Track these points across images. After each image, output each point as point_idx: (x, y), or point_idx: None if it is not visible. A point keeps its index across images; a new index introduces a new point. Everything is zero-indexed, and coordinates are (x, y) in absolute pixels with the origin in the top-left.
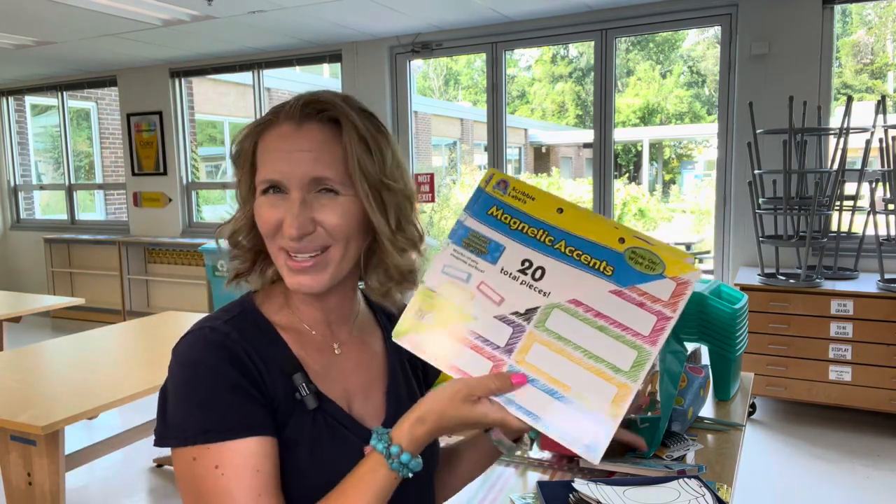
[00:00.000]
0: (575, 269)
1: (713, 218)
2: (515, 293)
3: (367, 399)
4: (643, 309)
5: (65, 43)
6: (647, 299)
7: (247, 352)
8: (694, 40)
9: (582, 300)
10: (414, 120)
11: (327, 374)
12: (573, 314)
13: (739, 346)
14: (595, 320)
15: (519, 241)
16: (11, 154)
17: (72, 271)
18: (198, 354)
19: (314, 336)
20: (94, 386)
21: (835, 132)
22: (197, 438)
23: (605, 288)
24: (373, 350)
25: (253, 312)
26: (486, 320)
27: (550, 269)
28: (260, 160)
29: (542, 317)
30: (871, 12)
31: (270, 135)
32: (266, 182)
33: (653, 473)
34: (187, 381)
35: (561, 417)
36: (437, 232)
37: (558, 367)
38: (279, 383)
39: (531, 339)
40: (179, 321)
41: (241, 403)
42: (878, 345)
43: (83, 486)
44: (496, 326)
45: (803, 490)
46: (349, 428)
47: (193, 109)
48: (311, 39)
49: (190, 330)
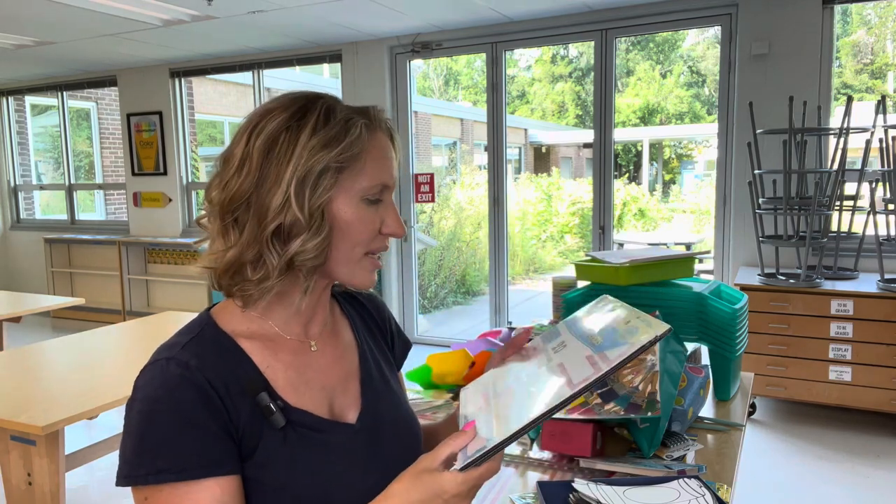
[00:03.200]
0: (580, 343)
1: (713, 218)
2: (535, 363)
3: (345, 391)
4: (590, 363)
5: (65, 43)
6: (602, 360)
7: (208, 379)
8: (694, 40)
9: (566, 366)
10: (414, 120)
11: (303, 374)
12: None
13: (739, 346)
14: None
15: (570, 331)
16: (11, 154)
17: (72, 271)
18: (153, 390)
19: (287, 340)
20: (94, 386)
21: (835, 132)
22: (148, 478)
23: (584, 353)
24: (345, 342)
25: (213, 329)
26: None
27: (569, 345)
28: (367, 164)
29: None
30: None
31: (376, 140)
32: (379, 186)
33: (653, 473)
34: (142, 419)
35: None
36: (436, 232)
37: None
38: (243, 407)
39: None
40: (179, 321)
41: (198, 441)
42: (878, 345)
43: (83, 486)
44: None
45: (803, 490)
46: (326, 431)
47: (193, 109)
48: (311, 39)
49: (149, 361)
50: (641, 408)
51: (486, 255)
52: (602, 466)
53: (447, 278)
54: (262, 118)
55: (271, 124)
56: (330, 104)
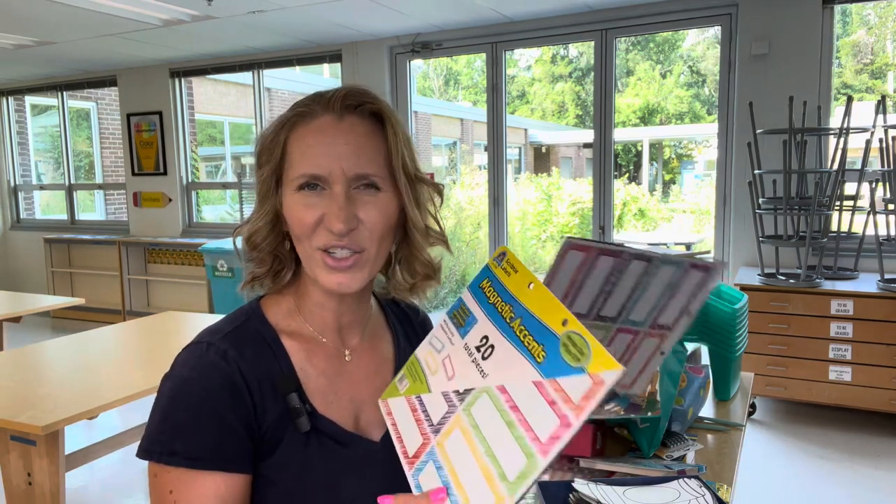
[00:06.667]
0: (516, 352)
1: (713, 218)
2: (464, 370)
3: (374, 408)
4: (552, 408)
5: (65, 43)
6: (561, 398)
7: (242, 372)
8: (694, 40)
9: (507, 388)
10: (414, 120)
11: (334, 384)
12: (495, 402)
13: (739, 346)
14: (508, 412)
15: (488, 316)
16: (11, 154)
17: (72, 271)
18: (188, 372)
19: (323, 343)
20: (94, 386)
21: (835, 132)
22: (162, 456)
23: (529, 377)
24: (383, 356)
25: (258, 320)
26: (436, 394)
27: (498, 349)
28: (294, 154)
29: (471, 400)
30: (871, 12)
31: (308, 127)
32: (304, 177)
33: (653, 473)
34: (171, 397)
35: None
36: None
37: (462, 459)
38: (272, 405)
39: (456, 422)
40: (179, 321)
41: (215, 434)
42: (878, 345)
43: (83, 486)
44: (439, 402)
45: (803, 490)
46: (348, 445)
47: (193, 109)
48: (311, 39)
49: (192, 341)
50: (641, 408)
51: (486, 255)
52: (602, 466)
53: (447, 278)
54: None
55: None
56: (303, 99)
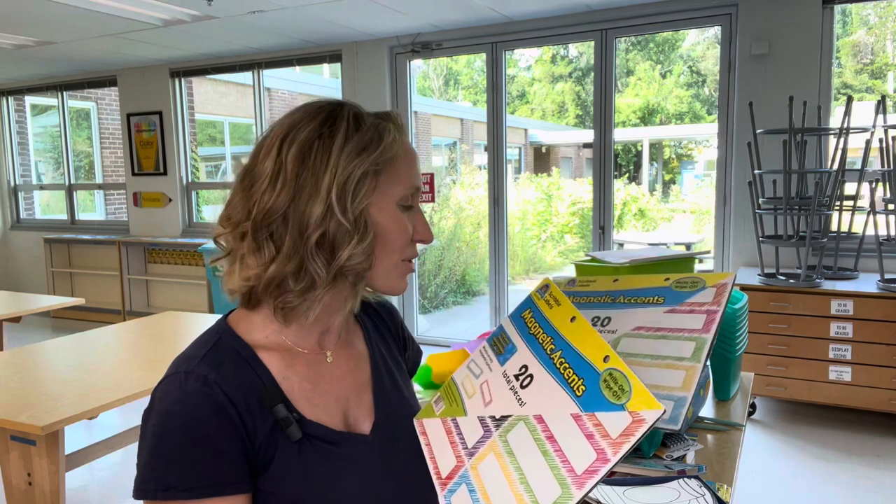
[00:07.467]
0: (555, 383)
1: (713, 218)
2: (502, 397)
3: (359, 402)
4: (590, 442)
5: (65, 43)
6: (599, 432)
7: (227, 393)
8: (694, 40)
9: (545, 417)
10: (414, 120)
11: (318, 386)
12: (532, 431)
13: (739, 346)
14: (545, 442)
15: (528, 346)
16: (11, 154)
17: (72, 271)
18: (170, 405)
19: (302, 352)
20: (94, 386)
21: (835, 132)
22: (157, 493)
23: (568, 409)
24: (359, 351)
25: (231, 338)
26: (472, 418)
27: (537, 379)
28: (402, 168)
29: (508, 427)
30: (871, 12)
31: (406, 144)
32: (413, 189)
33: (653, 473)
34: (157, 432)
35: None
36: (436, 232)
37: (495, 484)
38: (262, 420)
39: (491, 447)
40: (179, 321)
41: (209, 461)
42: (878, 345)
43: (83, 486)
44: (475, 426)
45: (803, 490)
46: (341, 444)
47: (193, 109)
48: (311, 39)
49: (167, 373)
50: None
51: (486, 255)
52: None
53: (447, 278)
54: (291, 129)
55: (302, 134)
56: (356, 110)
